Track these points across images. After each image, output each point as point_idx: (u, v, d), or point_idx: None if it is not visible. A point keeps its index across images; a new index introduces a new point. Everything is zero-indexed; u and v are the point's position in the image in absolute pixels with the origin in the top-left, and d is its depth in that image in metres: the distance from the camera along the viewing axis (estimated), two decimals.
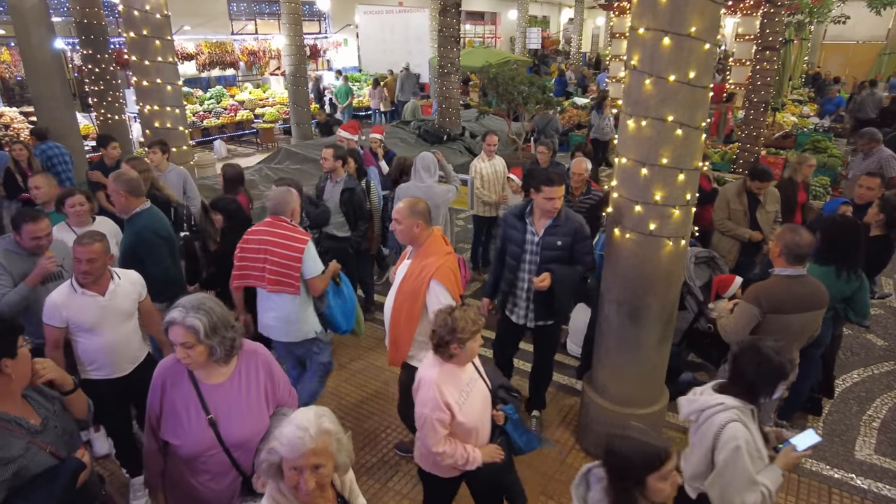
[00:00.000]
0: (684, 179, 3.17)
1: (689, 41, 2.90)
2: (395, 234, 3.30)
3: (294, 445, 1.69)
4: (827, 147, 8.07)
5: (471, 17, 27.34)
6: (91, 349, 3.11)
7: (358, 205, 5.16)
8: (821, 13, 15.13)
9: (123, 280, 3.21)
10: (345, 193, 5.11)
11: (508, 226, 3.76)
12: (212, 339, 2.14)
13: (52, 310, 2.99)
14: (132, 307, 3.26)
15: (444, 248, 3.29)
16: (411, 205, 3.20)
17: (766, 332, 3.07)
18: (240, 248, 3.63)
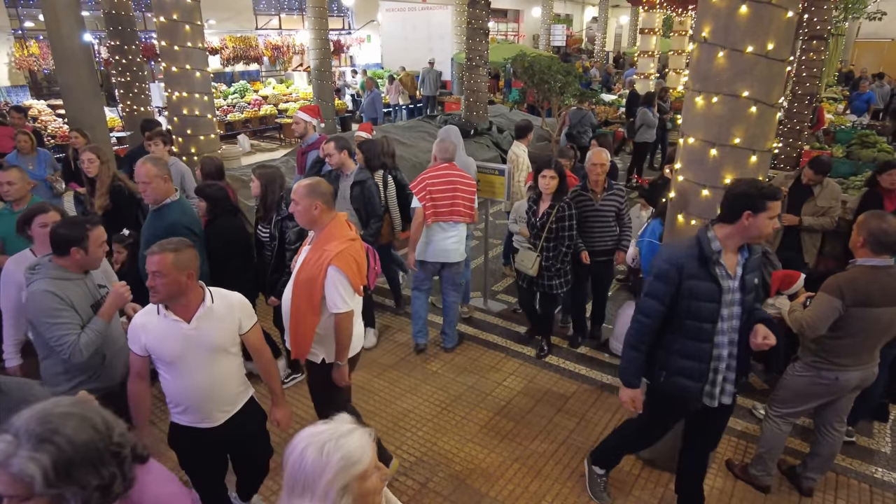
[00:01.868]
0: (756, 161, 2.93)
1: (769, 8, 2.66)
2: (295, 217, 3.09)
3: (363, 450, 1.46)
4: (876, 141, 7.73)
5: (494, 15, 27.09)
6: (174, 387, 2.56)
7: (369, 200, 4.65)
8: (856, 9, 14.66)
9: (218, 303, 2.53)
10: (355, 188, 4.65)
11: (688, 277, 2.60)
12: (62, 488, 1.29)
13: (134, 332, 2.49)
14: (229, 340, 2.57)
15: (346, 234, 3.04)
16: (311, 185, 2.98)
17: (849, 326, 2.82)
18: (428, 191, 4.50)
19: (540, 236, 4.44)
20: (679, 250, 2.66)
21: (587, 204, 4.67)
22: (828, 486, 3.55)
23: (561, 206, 4.37)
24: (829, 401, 3.14)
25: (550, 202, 4.41)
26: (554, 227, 4.38)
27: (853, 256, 2.96)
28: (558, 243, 4.44)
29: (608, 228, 4.71)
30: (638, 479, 3.57)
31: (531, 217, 4.54)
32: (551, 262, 4.47)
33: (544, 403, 4.31)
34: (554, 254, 4.46)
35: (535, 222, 4.48)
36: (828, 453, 3.33)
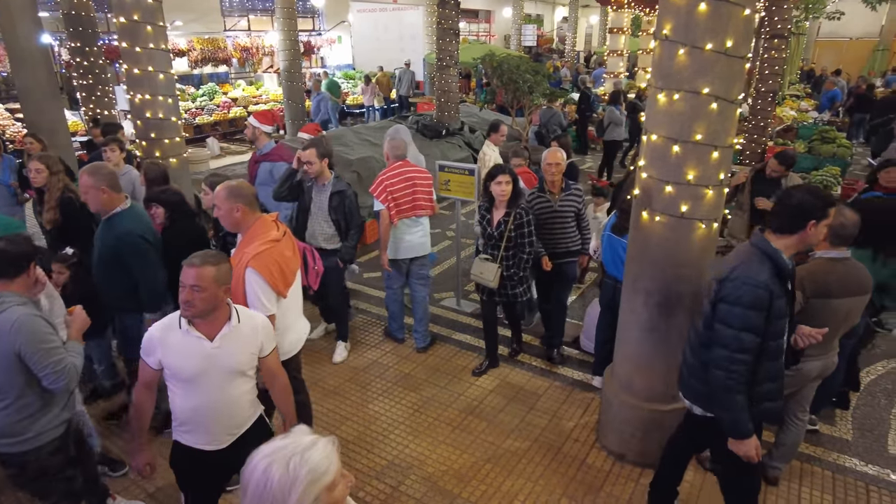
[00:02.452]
0: (718, 157, 2.97)
1: (727, 6, 2.70)
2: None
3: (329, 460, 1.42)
4: (835, 137, 7.95)
5: (465, 15, 27.17)
6: (184, 406, 2.42)
7: (349, 211, 4.44)
8: (816, 9, 15.07)
9: (244, 324, 2.43)
10: (334, 198, 4.39)
11: (776, 297, 2.37)
12: None
13: (150, 344, 2.36)
14: (248, 362, 2.47)
15: (270, 234, 2.94)
16: (231, 188, 2.92)
17: (811, 318, 2.87)
18: (388, 192, 4.52)
19: (499, 246, 4.22)
20: (758, 271, 2.38)
21: (545, 206, 4.50)
22: (793, 475, 3.62)
23: (518, 213, 4.14)
24: (791, 391, 3.20)
25: (506, 209, 4.18)
26: (513, 234, 4.17)
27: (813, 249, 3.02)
28: (518, 251, 4.23)
29: (568, 230, 4.56)
30: (609, 476, 3.59)
31: (486, 227, 4.30)
32: (513, 272, 4.27)
33: (516, 402, 4.31)
34: (514, 262, 4.26)
35: (492, 232, 4.24)
36: (792, 442, 3.40)
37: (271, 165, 5.14)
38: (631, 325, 3.47)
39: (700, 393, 2.66)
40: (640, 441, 3.59)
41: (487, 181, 4.17)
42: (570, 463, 3.71)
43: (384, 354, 4.96)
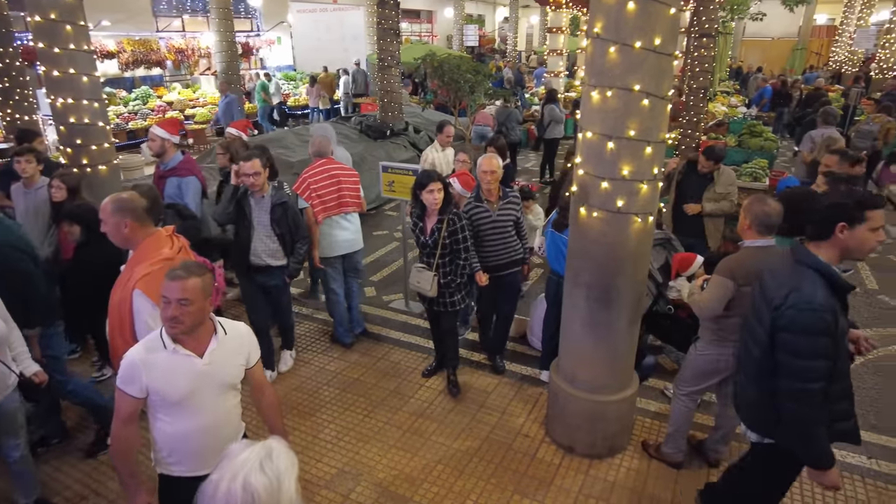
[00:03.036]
0: (651, 153, 3.05)
1: (655, 5, 2.78)
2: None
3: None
4: (762, 131, 8.36)
5: (407, 15, 27.12)
6: (173, 434, 2.26)
7: (294, 222, 4.23)
8: (740, 10, 15.79)
9: (231, 335, 2.33)
10: (276, 210, 4.12)
11: (827, 311, 2.22)
12: None
13: (132, 371, 2.16)
14: (238, 375, 2.38)
15: (162, 252, 2.75)
16: (118, 200, 2.73)
17: (742, 304, 2.98)
18: (311, 189, 4.54)
19: (433, 254, 4.08)
20: (812, 293, 2.23)
21: (484, 216, 4.27)
22: (733, 456, 3.74)
23: (451, 219, 3.98)
24: (728, 376, 3.32)
25: (438, 216, 4.01)
26: (447, 241, 4.02)
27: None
28: (454, 257, 4.09)
29: (509, 239, 4.35)
30: (559, 469, 3.64)
31: (419, 235, 4.14)
32: (450, 279, 4.14)
33: (466, 401, 4.31)
34: (451, 268, 4.12)
35: (426, 240, 4.09)
36: (730, 426, 3.53)
37: (179, 180, 4.79)
38: (573, 318, 3.52)
39: (761, 420, 2.53)
40: (587, 433, 3.65)
41: (417, 190, 3.96)
42: (521, 459, 3.73)
43: (331, 360, 4.87)
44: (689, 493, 3.41)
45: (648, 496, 3.44)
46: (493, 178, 4.23)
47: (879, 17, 21.22)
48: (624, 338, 3.46)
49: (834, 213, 2.25)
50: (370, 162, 8.41)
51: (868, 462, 3.73)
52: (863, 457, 3.78)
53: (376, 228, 8.16)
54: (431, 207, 3.98)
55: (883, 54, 16.91)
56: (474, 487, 3.50)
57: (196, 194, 4.86)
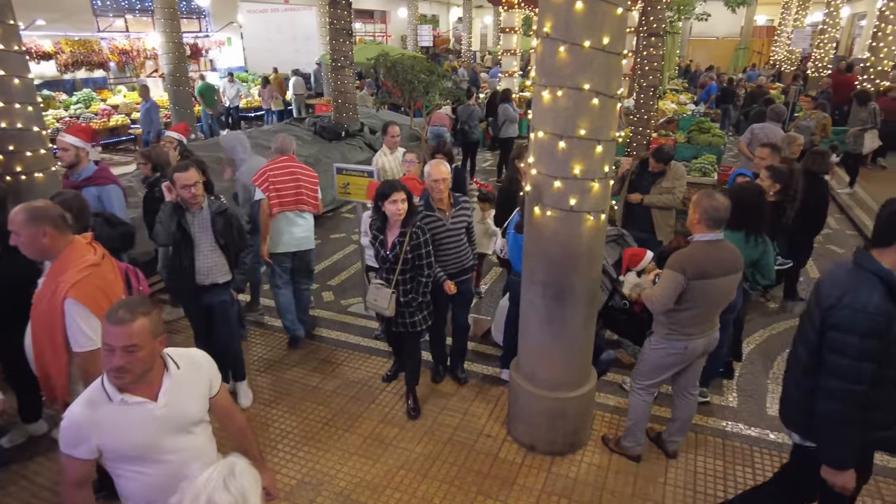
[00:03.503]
0: (602, 151, 3.09)
1: (602, 4, 2.81)
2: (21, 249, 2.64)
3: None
4: (710, 128, 8.63)
5: (361, 16, 26.89)
6: (140, 488, 2.02)
7: (239, 231, 3.92)
8: (686, 10, 16.28)
9: (184, 367, 2.09)
10: (217, 221, 3.79)
11: (882, 315, 2.19)
12: None
13: (75, 433, 1.91)
14: (202, 409, 2.14)
15: (86, 259, 2.65)
16: (32, 210, 2.58)
17: (692, 298, 3.06)
18: (270, 182, 4.56)
19: (394, 269, 3.79)
20: (868, 297, 2.20)
21: (437, 225, 4.06)
22: (689, 446, 3.85)
23: (414, 233, 3.73)
24: (682, 368, 3.40)
25: (400, 228, 3.75)
26: (409, 256, 3.76)
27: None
28: (416, 273, 3.84)
29: (462, 247, 4.21)
30: (521, 468, 3.65)
31: (379, 249, 3.84)
32: (411, 297, 3.85)
33: (428, 403, 4.28)
34: (412, 286, 3.85)
35: (387, 255, 3.80)
36: (686, 416, 3.61)
37: (99, 190, 4.49)
38: (530, 317, 3.54)
39: (803, 423, 2.52)
40: (547, 430, 3.68)
41: (379, 200, 3.71)
42: (484, 459, 3.73)
43: (289, 368, 4.76)
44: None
45: (610, 490, 3.49)
46: (445, 185, 4.05)
47: (813, 18, 22.23)
48: (580, 334, 3.50)
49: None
50: (325, 164, 8.27)
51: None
52: None
53: (333, 231, 8.04)
54: (395, 219, 3.71)
55: (818, 53, 17.70)
56: (437, 491, 3.47)
57: (121, 202, 4.59)
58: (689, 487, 3.52)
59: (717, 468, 3.68)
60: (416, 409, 4.17)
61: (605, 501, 3.41)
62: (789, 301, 5.77)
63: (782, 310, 5.72)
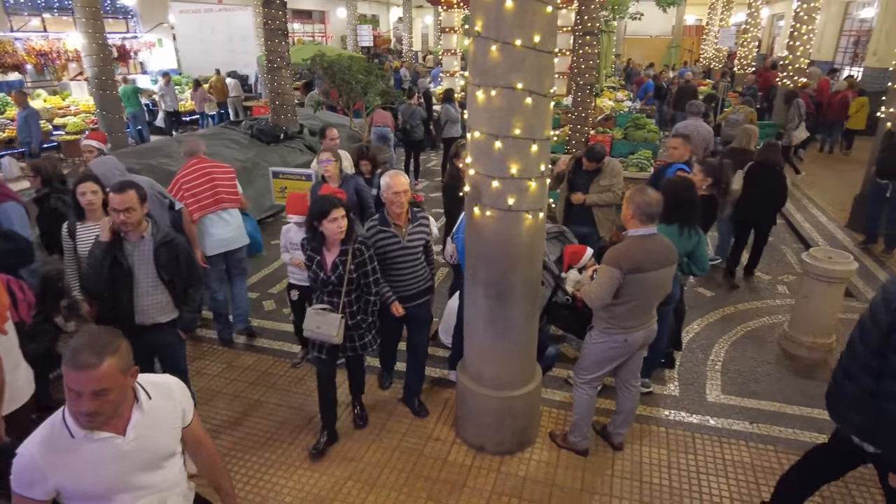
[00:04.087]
0: (537, 150, 3.09)
1: (532, 3, 2.81)
2: None
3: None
4: (646, 124, 8.89)
5: (299, 16, 26.39)
6: None
7: (188, 264, 3.45)
8: (621, 10, 16.76)
9: (155, 396, 1.93)
10: (161, 253, 3.28)
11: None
12: None
13: (30, 473, 1.74)
14: (174, 441, 2.01)
15: None
16: None
17: (629, 292, 3.11)
18: (183, 188, 4.47)
19: (338, 292, 3.45)
20: None
21: (392, 243, 3.68)
22: (634, 437, 3.93)
23: (357, 249, 3.43)
24: (623, 361, 3.46)
25: (341, 247, 3.44)
26: (354, 276, 3.45)
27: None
28: (363, 293, 3.56)
29: (419, 267, 3.85)
30: (471, 470, 3.63)
31: (318, 272, 3.45)
32: (360, 319, 3.55)
33: (375, 410, 4.20)
34: (360, 306, 3.56)
35: (328, 277, 3.43)
36: (629, 408, 3.68)
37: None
38: (474, 317, 3.52)
39: (867, 427, 2.49)
40: (496, 430, 3.67)
41: (316, 220, 3.34)
42: (433, 464, 3.69)
43: (229, 382, 4.57)
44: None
45: (559, 486, 3.51)
46: (407, 198, 3.64)
47: (737, 18, 23.34)
48: (524, 332, 3.51)
49: None
50: (263, 168, 8.03)
51: (750, 427, 4.04)
52: (745, 422, 4.08)
53: (273, 237, 7.79)
54: (335, 238, 3.38)
55: (742, 52, 18.59)
56: (386, 499, 3.41)
57: (22, 219, 4.16)
58: (635, 478, 3.59)
59: (662, 457, 3.77)
60: (363, 418, 4.06)
61: (555, 498, 3.43)
62: (748, 277, 6.39)
63: (717, 299, 5.95)
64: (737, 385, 4.52)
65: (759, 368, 4.75)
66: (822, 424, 4.06)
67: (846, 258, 4.71)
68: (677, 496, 3.46)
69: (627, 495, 3.46)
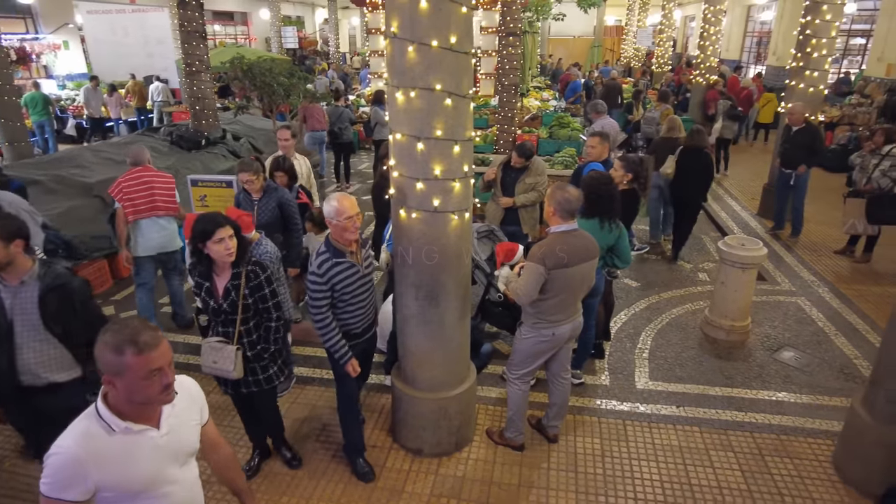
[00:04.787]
0: (460, 151, 3.10)
1: (447, 4, 2.80)
2: None
3: None
4: (569, 122, 9.14)
5: (220, 18, 25.48)
6: None
7: (85, 311, 2.84)
8: (544, 11, 17.18)
9: (180, 392, 1.87)
10: (49, 301, 2.74)
11: None
12: None
13: (72, 471, 1.67)
14: (197, 438, 1.99)
15: None
16: None
17: (555, 286, 3.18)
18: (124, 192, 4.69)
19: (233, 321, 3.09)
20: None
21: (351, 273, 3.18)
22: (568, 428, 4.02)
23: (251, 271, 3.08)
24: (552, 354, 3.52)
25: (232, 270, 3.07)
26: (249, 301, 3.08)
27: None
28: (263, 320, 3.19)
29: (372, 295, 3.44)
30: (409, 474, 3.60)
31: (207, 300, 3.09)
32: (261, 348, 3.18)
33: (309, 422, 4.10)
34: (260, 334, 3.19)
35: (219, 305, 3.07)
36: (561, 400, 3.76)
37: None
38: (407, 320, 3.49)
39: None
40: (432, 432, 3.66)
41: (199, 241, 2.95)
42: None
43: None
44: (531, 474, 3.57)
45: (497, 483, 3.54)
46: (359, 220, 3.17)
47: (653, 19, 24.45)
48: (456, 332, 3.51)
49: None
50: (184, 175, 7.66)
51: (677, 410, 4.22)
52: (672, 406, 4.26)
53: None
54: (224, 261, 3.02)
55: (659, 51, 19.50)
56: None
57: None
58: (571, 469, 3.67)
59: (596, 446, 3.87)
60: (296, 458, 3.67)
61: (494, 495, 3.45)
62: (675, 256, 6.95)
63: (643, 288, 6.19)
64: (663, 371, 4.71)
65: (684, 354, 4.97)
66: (741, 403, 4.30)
67: (756, 245, 5.00)
68: (611, 483, 3.56)
69: (564, 487, 3.53)
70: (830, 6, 7.18)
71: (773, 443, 3.90)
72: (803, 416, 4.16)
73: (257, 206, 4.47)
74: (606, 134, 5.42)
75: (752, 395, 4.41)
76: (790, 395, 4.41)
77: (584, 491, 3.50)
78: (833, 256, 7.01)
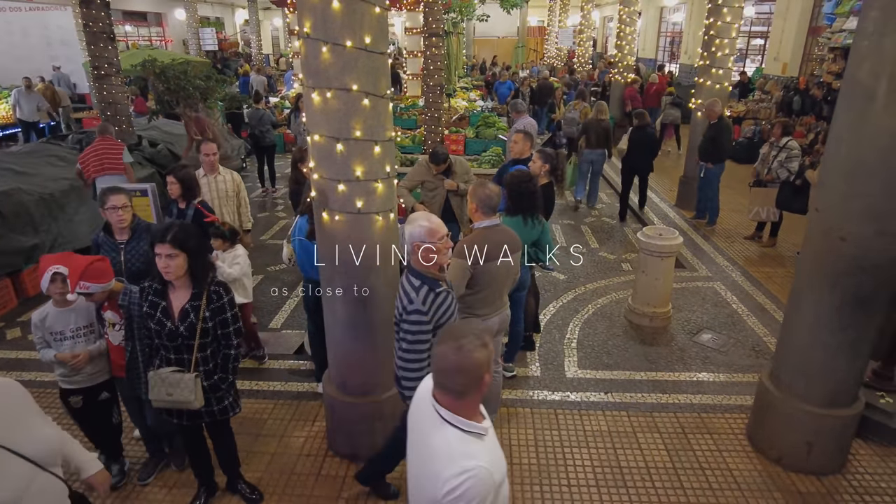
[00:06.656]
0: (381, 151, 3.09)
1: (360, 4, 2.79)
2: None
3: None
4: (495, 122, 9.32)
5: (131, 18, 24.17)
6: None
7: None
8: (468, 11, 17.40)
9: None
10: None
11: None
12: None
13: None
14: None
15: None
16: None
17: (481, 280, 3.23)
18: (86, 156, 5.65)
19: (190, 346, 2.81)
20: None
21: (449, 300, 2.84)
22: (502, 421, 4.09)
23: (213, 292, 2.83)
24: None
25: (191, 290, 2.82)
26: (209, 325, 2.82)
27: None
28: (221, 347, 2.93)
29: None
30: (345, 481, 3.55)
31: (164, 322, 2.78)
32: (219, 377, 2.93)
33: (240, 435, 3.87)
34: (218, 362, 2.93)
35: (176, 328, 2.78)
36: (494, 393, 3.81)
37: None
38: (334, 325, 3.45)
39: None
40: (367, 436, 3.62)
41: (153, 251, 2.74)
42: (305, 481, 3.55)
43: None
44: None
45: None
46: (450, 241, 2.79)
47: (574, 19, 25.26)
48: (387, 335, 3.48)
49: None
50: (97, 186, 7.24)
51: (605, 396, 4.38)
52: (601, 393, 4.42)
53: None
54: (172, 276, 2.75)
55: (579, 51, 20.17)
56: None
57: None
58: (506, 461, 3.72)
59: (529, 437, 3.96)
60: (255, 492, 3.40)
61: None
62: (622, 217, 8.35)
63: (569, 281, 6.38)
64: (591, 359, 4.88)
65: (610, 341, 5.17)
66: (665, 386, 4.52)
67: (673, 234, 5.27)
68: (545, 472, 3.65)
69: None
70: (730, 9, 7.67)
71: (695, 421, 4.12)
72: (721, 394, 4.42)
73: (124, 250, 3.77)
74: (529, 132, 5.55)
75: (675, 377, 4.64)
76: (709, 374, 4.67)
77: (518, 482, 3.57)
78: (744, 242, 7.49)
